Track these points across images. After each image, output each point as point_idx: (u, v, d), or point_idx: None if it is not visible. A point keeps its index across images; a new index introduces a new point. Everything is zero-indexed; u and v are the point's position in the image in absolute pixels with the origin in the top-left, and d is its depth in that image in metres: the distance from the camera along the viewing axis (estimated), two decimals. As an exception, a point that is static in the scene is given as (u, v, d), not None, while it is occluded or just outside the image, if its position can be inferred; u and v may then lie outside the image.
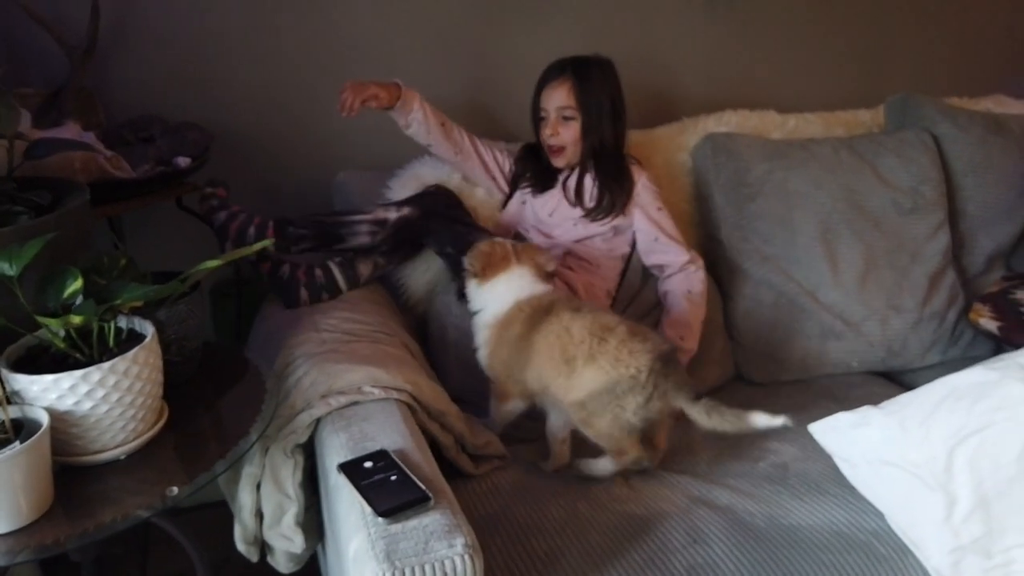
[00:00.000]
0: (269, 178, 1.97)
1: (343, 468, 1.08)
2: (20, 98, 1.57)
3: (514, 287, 1.49)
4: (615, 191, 1.76)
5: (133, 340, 1.09)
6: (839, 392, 1.79)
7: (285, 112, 1.96)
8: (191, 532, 1.10)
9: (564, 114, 1.76)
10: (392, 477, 1.05)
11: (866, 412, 1.24)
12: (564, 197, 1.80)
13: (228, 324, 1.92)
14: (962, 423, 1.15)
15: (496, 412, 1.52)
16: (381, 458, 1.09)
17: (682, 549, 1.23)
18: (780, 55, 2.36)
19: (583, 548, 1.23)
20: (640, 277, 1.83)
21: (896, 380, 1.91)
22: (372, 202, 1.75)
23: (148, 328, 1.11)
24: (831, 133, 2.13)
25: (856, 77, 2.45)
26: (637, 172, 1.81)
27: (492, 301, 1.50)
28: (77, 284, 1.04)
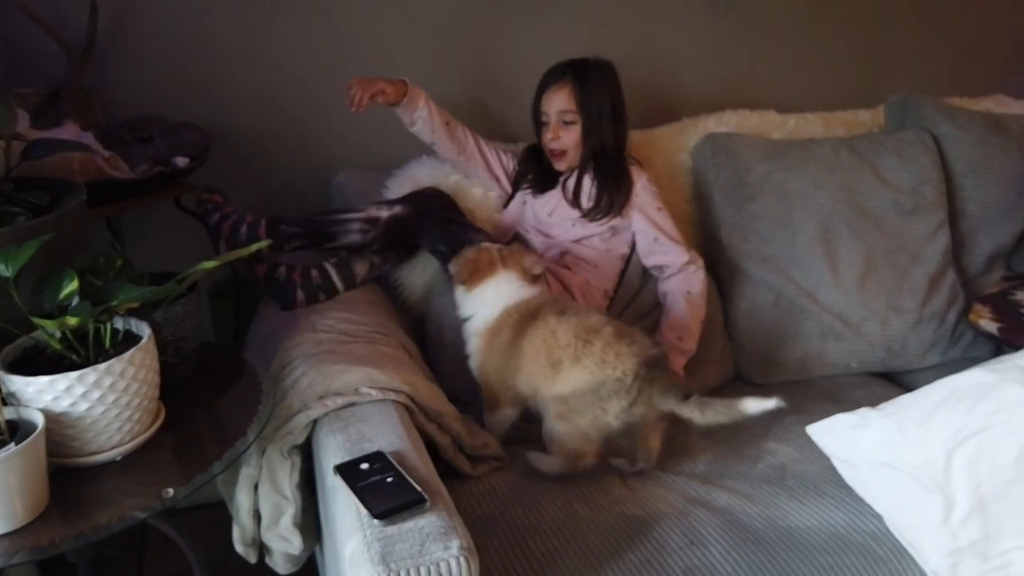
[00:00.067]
0: (268, 178, 1.97)
1: (339, 470, 1.08)
2: (19, 98, 1.57)
3: (502, 292, 1.49)
4: (613, 192, 1.76)
5: (130, 341, 1.09)
6: (838, 393, 1.79)
7: (284, 112, 1.96)
8: (189, 533, 1.10)
9: (565, 118, 1.76)
10: (388, 479, 1.05)
11: (865, 414, 1.24)
12: (563, 198, 1.80)
13: (227, 324, 1.92)
14: (960, 425, 1.15)
15: (488, 422, 1.52)
16: (377, 460, 1.09)
17: (679, 550, 1.23)
18: (780, 55, 2.36)
19: (580, 549, 1.23)
20: (640, 278, 1.83)
21: (896, 381, 1.91)
22: (369, 202, 1.74)
23: (144, 329, 1.11)
24: (831, 133, 2.12)
25: (856, 77, 2.45)
26: (637, 173, 1.80)
27: (481, 308, 1.50)
28: (73, 285, 1.04)
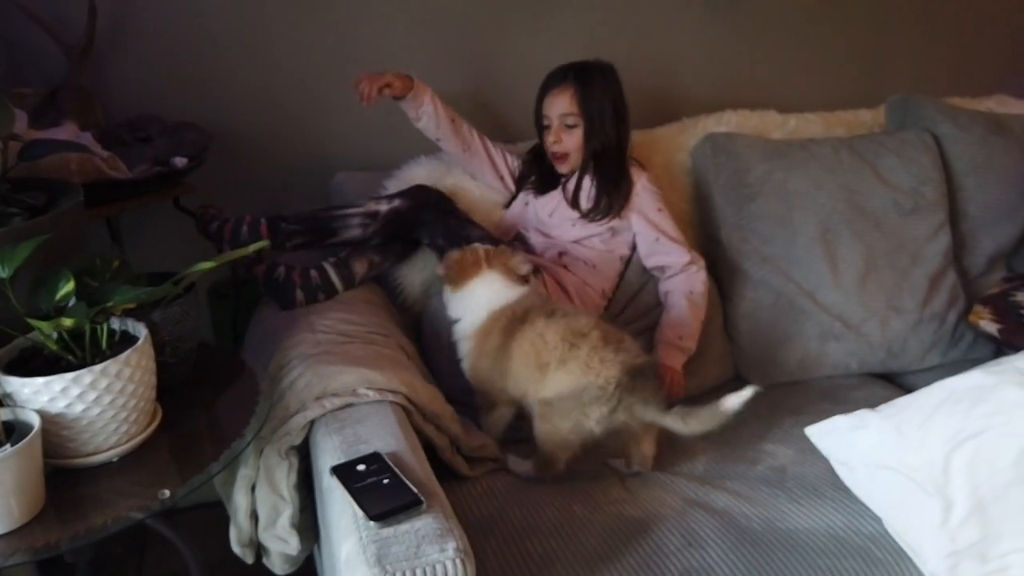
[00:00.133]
0: (267, 178, 1.97)
1: (336, 471, 1.08)
2: (18, 98, 1.57)
3: (487, 292, 1.49)
4: (612, 194, 1.75)
5: (126, 342, 1.09)
6: (838, 394, 1.79)
7: (284, 112, 1.96)
8: (187, 533, 1.11)
9: (567, 121, 1.76)
10: (385, 480, 1.04)
11: (863, 415, 1.24)
12: (564, 198, 1.80)
13: (226, 325, 1.92)
14: (959, 427, 1.14)
15: (484, 423, 1.52)
16: (374, 461, 1.09)
17: (677, 552, 1.22)
18: (780, 55, 2.35)
19: (578, 550, 1.23)
20: (639, 279, 1.82)
21: (895, 382, 1.90)
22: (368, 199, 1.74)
23: (141, 330, 1.11)
24: (831, 133, 2.12)
25: (856, 77, 2.44)
26: (637, 173, 1.80)
27: (468, 310, 1.51)
28: (69, 286, 1.04)
